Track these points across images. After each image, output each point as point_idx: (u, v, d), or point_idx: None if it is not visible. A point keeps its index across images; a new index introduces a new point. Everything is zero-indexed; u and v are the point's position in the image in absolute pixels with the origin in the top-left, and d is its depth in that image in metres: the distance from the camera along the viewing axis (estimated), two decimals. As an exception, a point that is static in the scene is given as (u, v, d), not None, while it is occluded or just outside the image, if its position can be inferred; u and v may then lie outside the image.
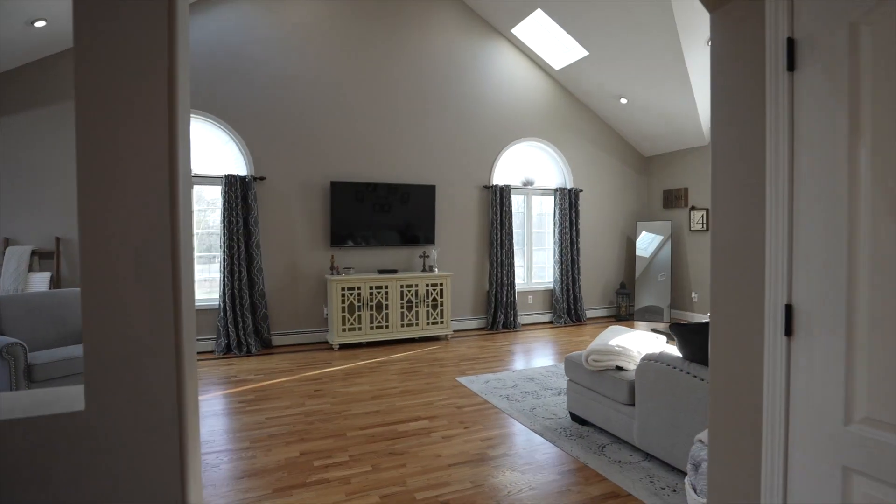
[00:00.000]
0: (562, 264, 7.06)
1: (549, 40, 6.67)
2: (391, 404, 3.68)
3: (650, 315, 7.19)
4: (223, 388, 4.08)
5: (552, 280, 7.22)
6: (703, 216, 6.90)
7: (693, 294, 7.08)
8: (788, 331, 1.29)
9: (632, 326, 6.85)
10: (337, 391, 4.00)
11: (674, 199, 7.34)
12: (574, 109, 7.28)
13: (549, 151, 7.19)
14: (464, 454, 2.83)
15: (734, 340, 1.47)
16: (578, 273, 7.16)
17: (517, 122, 6.90)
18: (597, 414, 3.05)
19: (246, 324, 5.37)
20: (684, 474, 2.43)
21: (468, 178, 6.64)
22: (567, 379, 3.37)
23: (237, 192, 5.37)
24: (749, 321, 1.41)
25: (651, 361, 2.61)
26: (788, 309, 1.29)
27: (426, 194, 6.25)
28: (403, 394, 3.93)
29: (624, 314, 7.33)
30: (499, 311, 6.64)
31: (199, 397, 3.76)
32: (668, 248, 7.18)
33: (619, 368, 2.92)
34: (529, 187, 7.11)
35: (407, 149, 6.28)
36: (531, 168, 7.14)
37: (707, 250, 6.83)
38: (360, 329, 5.62)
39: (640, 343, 3.01)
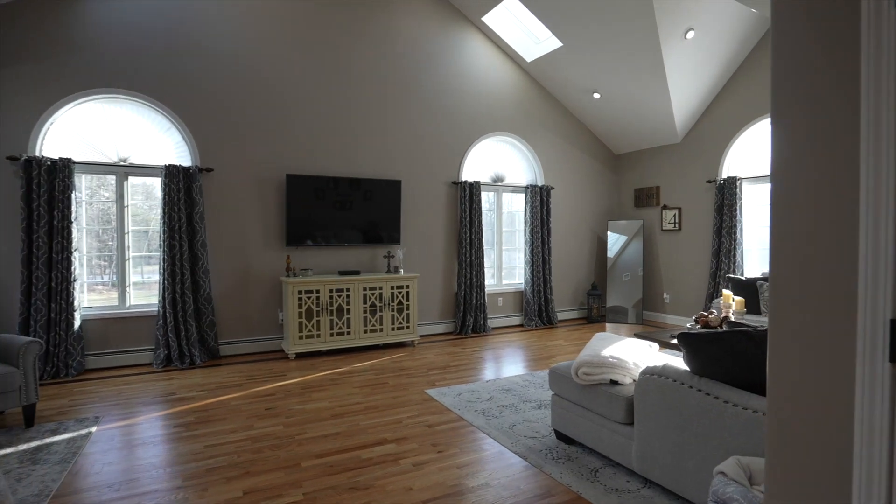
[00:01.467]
0: (533, 265, 6.78)
1: (522, 30, 6.37)
2: (354, 424, 3.25)
3: (617, 316, 7.01)
4: (158, 409, 3.53)
5: (523, 281, 6.93)
6: (675, 215, 6.77)
7: (665, 295, 6.94)
8: (895, 355, 0.97)
9: (603, 328, 6.65)
10: (292, 409, 3.53)
11: (645, 197, 7.20)
12: (545, 104, 7.02)
13: (519, 147, 6.90)
14: (439, 486, 2.45)
15: (809, 364, 1.14)
16: (550, 273, 6.90)
17: (487, 115, 6.57)
18: (587, 433, 2.72)
19: (189, 332, 4.80)
20: (693, 505, 2.13)
21: (436, 174, 6.26)
22: (552, 393, 3.03)
23: (179, 184, 4.79)
24: (832, 340, 1.09)
25: (654, 376, 2.30)
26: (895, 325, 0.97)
27: (391, 190, 5.82)
28: (368, 411, 3.51)
29: (596, 316, 7.12)
30: (468, 314, 6.29)
31: (125, 421, 3.23)
32: (634, 248, 7.02)
33: (614, 382, 2.60)
34: (500, 184, 6.79)
35: (371, 141, 5.84)
36: (501, 164, 6.83)
37: (679, 250, 6.72)
38: (318, 336, 5.14)
39: (636, 353, 2.71)
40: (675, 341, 3.68)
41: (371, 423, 3.28)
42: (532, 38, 6.39)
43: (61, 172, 4.35)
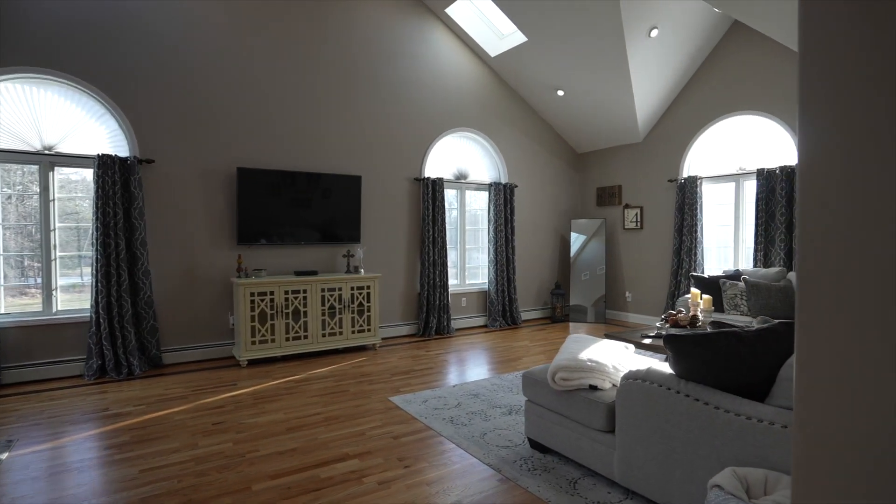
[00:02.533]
0: (497, 264, 6.65)
1: (486, 24, 6.22)
2: (312, 438, 2.98)
3: (580, 315, 6.99)
4: (87, 428, 3.13)
5: (486, 281, 6.79)
6: (637, 214, 6.81)
7: (627, 294, 6.98)
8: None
9: (567, 328, 6.60)
10: (243, 423, 3.22)
11: (608, 196, 7.21)
12: (509, 100, 6.91)
13: (483, 144, 6.76)
14: (409, 507, 2.23)
15: (848, 371, 1.00)
16: (514, 273, 6.79)
17: (450, 111, 6.38)
18: (563, 441, 2.58)
19: (127, 339, 4.36)
20: (680, 518, 2.01)
21: (398, 170, 6.02)
22: (524, 399, 2.87)
23: (115, 176, 4.34)
24: (878, 344, 0.95)
25: (637, 381, 2.17)
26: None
27: (351, 186, 5.54)
28: (328, 423, 3.24)
29: (559, 315, 7.08)
30: (431, 315, 6.09)
31: (46, 444, 2.83)
32: (596, 246, 7.02)
33: (593, 388, 2.46)
34: (463, 181, 6.62)
35: (330, 135, 5.53)
36: (465, 161, 6.66)
37: (641, 248, 6.76)
38: (273, 341, 4.80)
39: (614, 356, 2.58)
40: (647, 342, 3.61)
41: (331, 436, 3.02)
42: (496, 32, 6.25)
43: (-27, 161, 3.84)
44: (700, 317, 3.89)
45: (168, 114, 4.68)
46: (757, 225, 5.36)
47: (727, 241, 5.95)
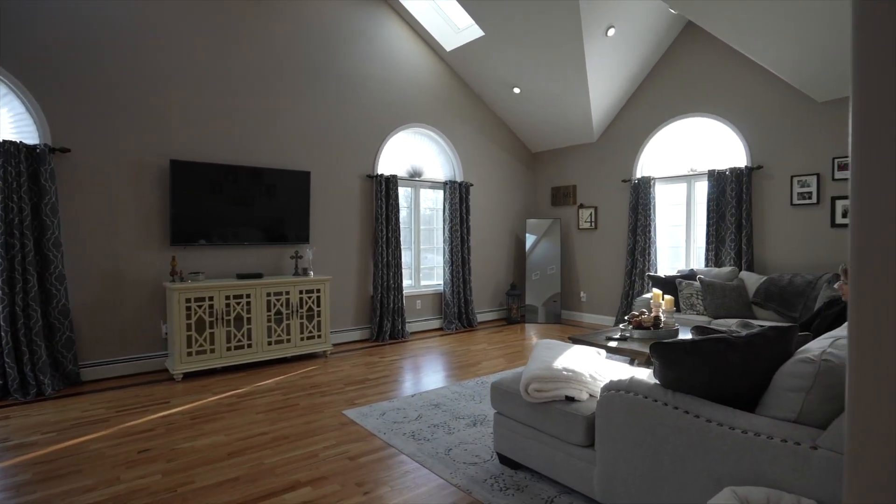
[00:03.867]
0: (452, 264, 6.46)
1: (442, 16, 6.01)
2: (258, 463, 2.65)
3: (535, 315, 6.93)
4: (-19, 463, 2.65)
5: (442, 282, 6.58)
6: (591, 214, 6.82)
7: (581, 294, 6.98)
8: None
9: (523, 329, 6.51)
10: (176, 449, 2.83)
11: (562, 196, 7.19)
12: (464, 96, 6.73)
13: (438, 141, 6.54)
14: (372, 543, 1.97)
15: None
16: (470, 274, 6.63)
17: (404, 105, 6.12)
18: (537, 457, 2.40)
19: (36, 354, 3.81)
20: (668, 539, 1.87)
21: (349, 166, 5.69)
22: (492, 410, 2.67)
23: (20, 166, 3.78)
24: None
25: (620, 392, 2.02)
26: None
27: (299, 182, 5.16)
28: (275, 443, 2.91)
29: (515, 316, 6.98)
30: (385, 319, 5.80)
31: (-77, 491, 2.35)
32: (551, 246, 6.97)
33: (570, 399, 2.30)
34: (417, 179, 6.37)
35: (276, 128, 5.13)
36: (419, 158, 6.42)
37: (596, 248, 6.76)
38: (212, 351, 4.36)
39: (590, 364, 2.43)
40: (613, 345, 3.51)
41: (280, 459, 2.70)
42: (452, 25, 6.05)
43: None
44: (662, 317, 3.86)
45: (89, 97, 4.14)
46: (708, 225, 5.46)
47: (679, 241, 6.05)
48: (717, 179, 5.39)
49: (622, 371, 2.58)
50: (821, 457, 1.50)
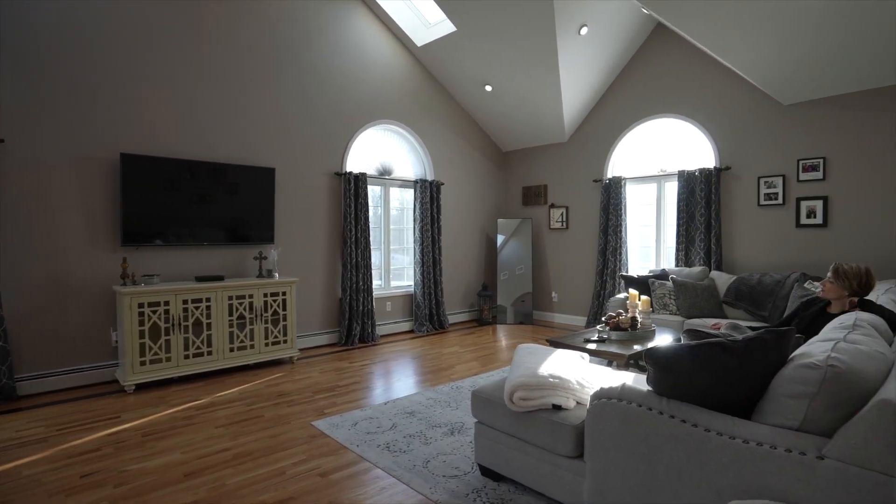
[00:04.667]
0: (423, 265, 6.30)
1: (413, 11, 5.84)
2: (219, 485, 2.43)
3: (505, 316, 6.86)
4: None
5: (412, 283, 6.42)
6: (562, 214, 6.79)
7: (553, 294, 6.95)
8: None
9: (494, 330, 6.42)
10: (125, 471, 2.57)
11: (533, 196, 7.15)
12: (435, 93, 6.58)
13: (408, 138, 6.37)
14: (348, 572, 1.80)
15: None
16: (441, 274, 6.49)
17: (374, 101, 5.92)
18: (522, 469, 2.28)
19: (-35, 367, 3.43)
20: (663, 554, 1.78)
21: (317, 163, 5.45)
22: (475, 421, 2.54)
23: (-55, 159, 3.39)
24: None
25: (612, 400, 1.92)
26: None
27: (263, 180, 4.90)
28: (238, 461, 2.69)
29: (487, 317, 6.88)
30: (354, 322, 5.59)
31: None
32: (520, 246, 6.91)
33: (557, 407, 2.19)
34: (387, 177, 6.19)
35: (239, 122, 4.85)
36: (389, 155, 6.24)
37: (567, 248, 6.73)
38: (168, 360, 4.06)
39: (577, 370, 2.33)
40: (592, 347, 3.44)
41: (243, 479, 2.48)
42: (423, 20, 5.90)
43: None
44: (639, 318, 3.82)
45: (26, 84, 3.77)
46: (678, 225, 5.50)
47: (649, 241, 6.09)
48: (687, 180, 5.43)
49: (610, 377, 2.49)
50: (828, 467, 1.43)
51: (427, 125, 6.47)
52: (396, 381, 4.22)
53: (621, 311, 3.89)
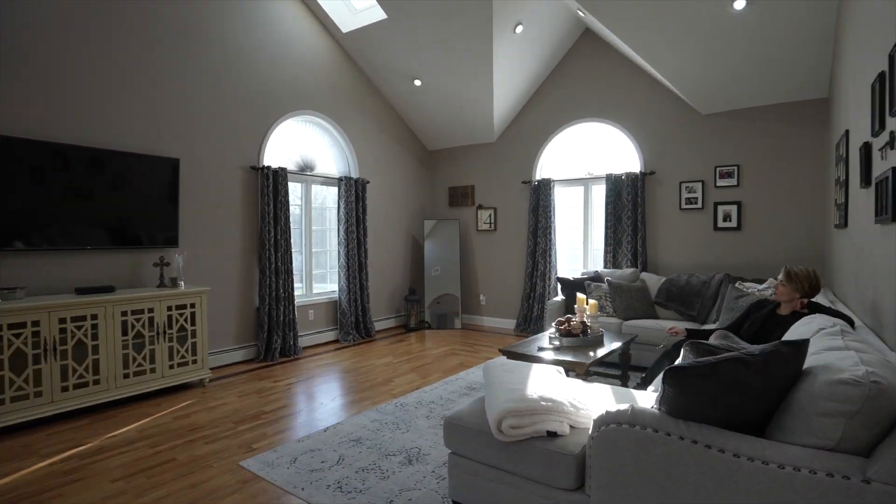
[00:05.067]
0: (349, 269, 5.83)
1: (337, -9, 5.36)
2: (127, 564, 1.87)
3: (430, 321, 6.62)
4: None
5: (337, 289, 5.92)
6: (490, 215, 6.69)
7: (481, 297, 6.82)
8: None
9: (423, 337, 6.13)
10: (-16, 558, 1.90)
11: (460, 196, 6.97)
12: (361, 85, 6.14)
13: (331, 132, 5.86)
14: None
15: None
16: (367, 279, 6.06)
17: (294, 90, 5.35)
18: (510, 504, 2.02)
19: None
20: None
21: (230, 155, 4.78)
22: (449, 452, 2.23)
23: None
24: None
25: (622, 426, 1.72)
26: None
27: (164, 172, 4.16)
28: (150, 526, 2.12)
29: (415, 323, 6.57)
30: (274, 334, 4.99)
31: None
32: (447, 249, 6.71)
33: (552, 434, 1.95)
34: (309, 173, 5.63)
35: (133, 102, 4.06)
36: (311, 150, 5.69)
37: (495, 250, 6.62)
38: (38, 395, 3.24)
39: (567, 390, 2.11)
40: (549, 356, 3.28)
41: (161, 551, 1.94)
42: (349, 5, 5.44)
43: None
44: (588, 322, 3.75)
45: None
46: (607, 228, 5.61)
47: (577, 243, 6.17)
48: (615, 183, 5.56)
49: (603, 396, 2.32)
50: (876, 491, 1.33)
51: (352, 118, 6.01)
52: (331, 400, 3.76)
53: (570, 315, 3.80)
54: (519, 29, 5.15)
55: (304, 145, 5.59)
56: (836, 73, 3.92)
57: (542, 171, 6.30)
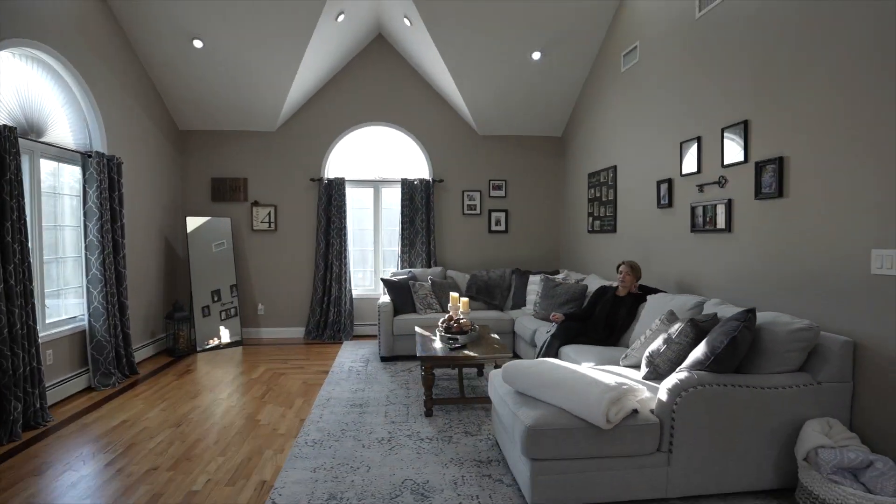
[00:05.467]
0: (105, 283, 4.14)
1: None
2: None
3: (201, 340, 5.42)
4: None
5: (86, 313, 4.10)
6: (269, 214, 5.93)
7: (259, 306, 5.97)
8: None
9: (212, 361, 4.97)
10: None
11: (229, 190, 5.88)
12: (117, 36, 4.39)
13: (68, 84, 4.00)
14: None
15: None
16: (126, 296, 4.44)
17: (13, 3, 3.41)
18: (602, 485, 2.24)
19: None
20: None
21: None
22: (531, 462, 2.23)
23: None
24: None
25: (700, 387, 2.24)
26: None
27: None
28: None
29: (183, 347, 5.17)
30: (10, 398, 3.11)
31: None
32: (214, 252, 5.61)
33: (635, 412, 2.28)
34: (34, 139, 3.68)
35: None
36: (35, 101, 3.73)
37: (276, 253, 6.01)
38: None
39: (616, 372, 2.47)
40: (469, 353, 3.46)
41: None
42: None
43: None
44: (461, 318, 4.07)
45: None
46: (403, 230, 5.96)
47: (368, 244, 6.25)
48: (409, 188, 5.97)
49: (634, 374, 2.76)
50: (825, 388, 2.33)
51: (95, 66, 4.22)
52: None
53: (450, 314, 4.02)
54: (341, 18, 4.87)
55: (25, 93, 3.62)
56: (575, 121, 5.53)
57: (333, 169, 6.06)
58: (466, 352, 3.55)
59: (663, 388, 2.31)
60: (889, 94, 2.18)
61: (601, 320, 3.86)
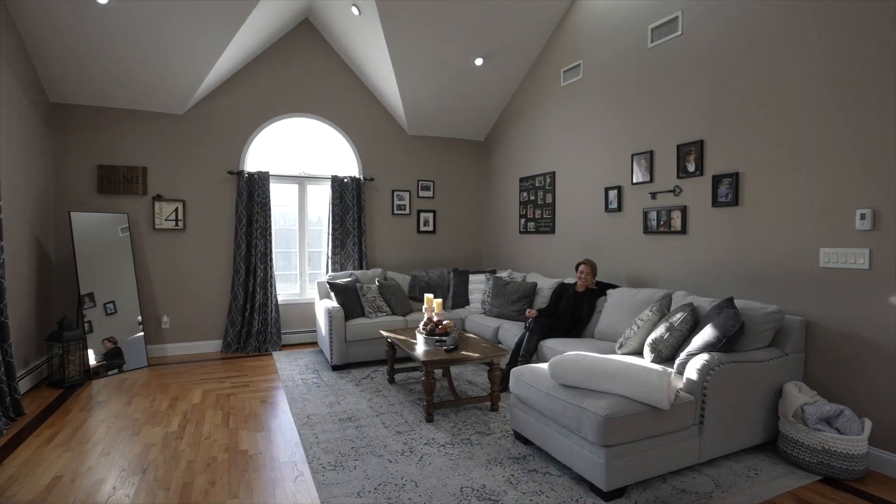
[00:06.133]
0: (-13, 301, 3.16)
1: None
2: None
3: (97, 363, 4.45)
4: None
5: (-43, 341, 3.05)
6: (176, 211, 5.08)
7: (164, 319, 5.07)
8: None
9: (110, 393, 4.09)
10: None
11: (122, 181, 4.88)
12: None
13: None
14: None
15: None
16: (7, 316, 3.43)
17: None
18: (658, 461, 2.50)
19: None
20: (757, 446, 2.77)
21: None
22: (606, 447, 2.40)
23: None
24: None
25: (722, 366, 2.65)
26: None
27: None
28: None
29: (74, 374, 4.15)
30: None
31: None
32: (105, 255, 4.64)
33: (678, 392, 2.58)
34: None
35: None
36: None
37: (184, 255, 5.29)
38: None
39: (641, 362, 2.75)
40: (467, 354, 3.49)
41: None
42: None
43: None
44: (435, 318, 4.06)
45: None
46: (333, 230, 5.63)
47: (292, 244, 5.74)
48: (340, 186, 5.66)
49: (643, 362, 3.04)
50: (791, 358, 2.95)
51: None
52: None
53: (435, 317, 3.97)
54: (285, -3, 4.43)
55: None
56: (500, 128, 5.87)
57: (253, 162, 5.43)
58: (464, 352, 3.56)
59: (692, 369, 2.67)
60: (831, 122, 2.83)
61: (566, 314, 4.20)
